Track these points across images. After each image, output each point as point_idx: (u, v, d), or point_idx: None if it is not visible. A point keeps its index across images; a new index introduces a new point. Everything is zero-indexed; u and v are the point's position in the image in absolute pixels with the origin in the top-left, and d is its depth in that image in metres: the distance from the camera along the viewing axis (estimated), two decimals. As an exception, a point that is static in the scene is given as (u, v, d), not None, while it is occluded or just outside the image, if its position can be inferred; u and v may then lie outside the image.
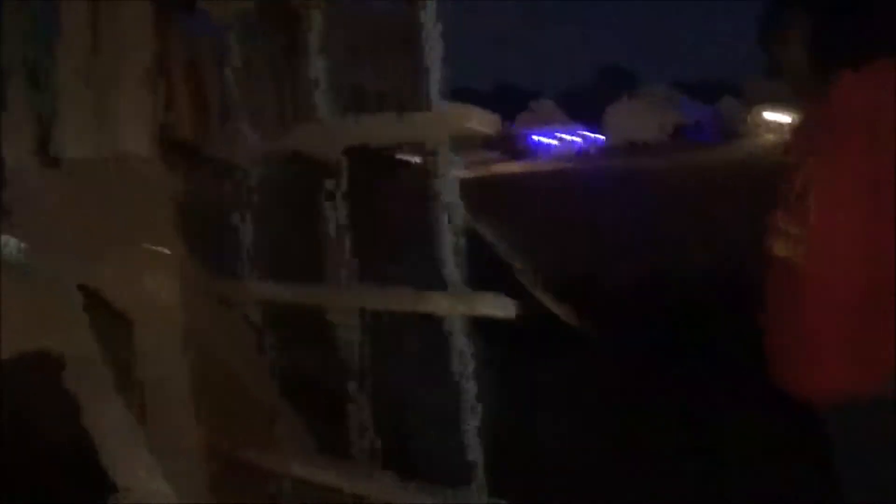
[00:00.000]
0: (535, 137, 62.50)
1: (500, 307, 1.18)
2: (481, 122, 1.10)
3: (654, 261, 9.39)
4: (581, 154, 58.07)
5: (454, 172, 1.13)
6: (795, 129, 2.43)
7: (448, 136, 1.12)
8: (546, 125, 63.83)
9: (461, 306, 1.20)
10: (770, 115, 42.32)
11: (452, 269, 1.17)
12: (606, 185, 22.96)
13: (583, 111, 64.15)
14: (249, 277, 1.45)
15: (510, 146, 57.34)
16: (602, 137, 63.67)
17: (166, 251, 1.74)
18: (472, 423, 1.20)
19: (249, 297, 1.44)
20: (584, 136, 64.71)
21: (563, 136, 64.11)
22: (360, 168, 1.57)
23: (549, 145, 63.17)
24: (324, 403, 1.68)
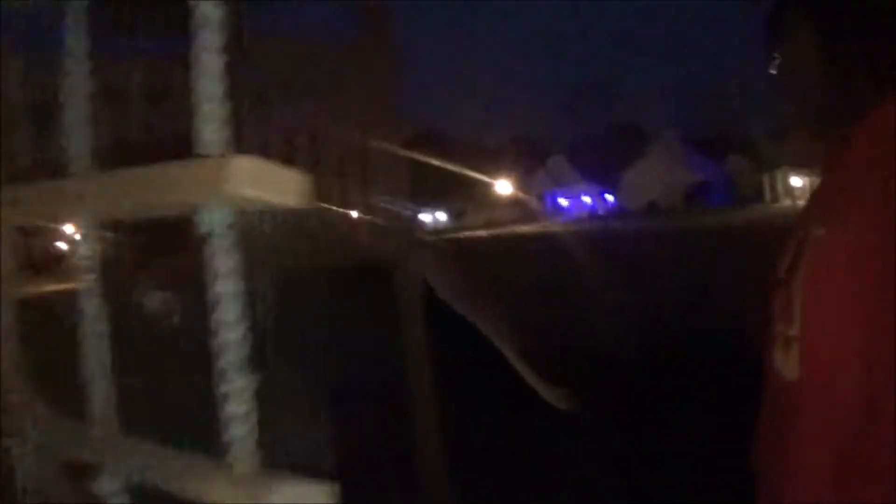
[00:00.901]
0: (548, 195, 62.22)
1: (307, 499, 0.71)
2: (254, 177, 0.64)
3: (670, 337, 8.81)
4: (596, 216, 57.68)
5: (234, 260, 0.66)
6: (812, 194, 1.61)
7: (216, 200, 0.66)
8: (560, 183, 63.47)
9: (247, 497, 0.72)
10: (793, 180, 41.48)
11: (235, 419, 0.69)
12: (624, 250, 22.31)
13: (594, 168, 63.23)
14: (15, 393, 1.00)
15: (526, 206, 57.00)
16: (612, 198, 63.26)
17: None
18: None
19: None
20: (594, 196, 64.33)
21: (575, 194, 63.83)
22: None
23: (562, 205, 62.83)
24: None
